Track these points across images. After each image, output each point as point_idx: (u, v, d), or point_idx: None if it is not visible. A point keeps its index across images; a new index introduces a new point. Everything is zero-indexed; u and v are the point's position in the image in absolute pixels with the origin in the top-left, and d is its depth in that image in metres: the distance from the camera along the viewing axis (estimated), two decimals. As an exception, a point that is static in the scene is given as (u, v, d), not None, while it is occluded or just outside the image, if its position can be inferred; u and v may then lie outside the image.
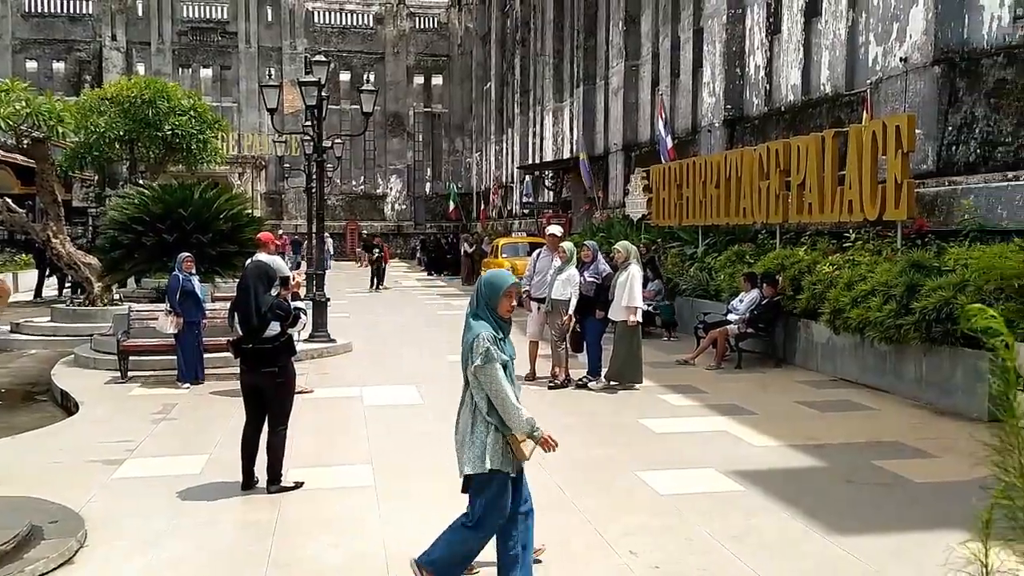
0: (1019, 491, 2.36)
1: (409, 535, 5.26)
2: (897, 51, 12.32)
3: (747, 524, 5.55)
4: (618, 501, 6.08)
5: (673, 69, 22.10)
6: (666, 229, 18.44)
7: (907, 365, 9.44)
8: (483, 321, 4.26)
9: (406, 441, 7.86)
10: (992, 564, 2.47)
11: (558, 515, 5.74)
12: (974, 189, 10.50)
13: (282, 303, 6.52)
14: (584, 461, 7.03)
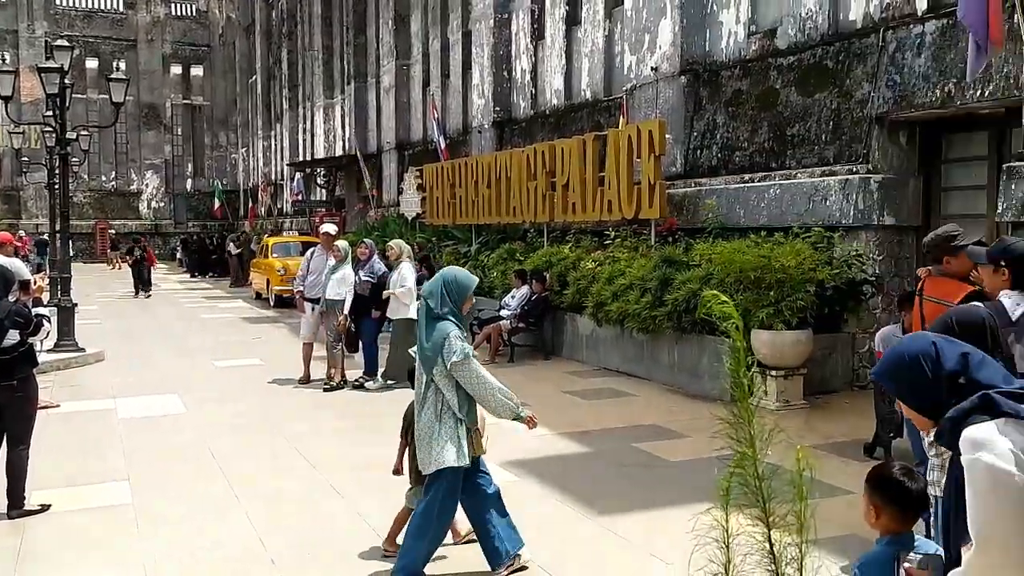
0: (749, 459, 2.61)
1: (174, 554, 4.95)
2: (649, 61, 13.22)
3: (522, 511, 5.72)
4: (399, 500, 6.06)
5: (444, 70, 22.38)
6: (440, 228, 18.64)
7: (661, 353, 10.18)
8: (447, 321, 4.37)
9: (168, 454, 7.38)
10: (732, 527, 2.70)
11: (335, 519, 5.63)
12: (716, 190, 11.49)
13: (21, 309, 5.90)
14: (362, 463, 6.95)
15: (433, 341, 4.35)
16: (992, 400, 1.97)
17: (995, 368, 2.12)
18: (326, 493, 6.22)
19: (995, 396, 1.99)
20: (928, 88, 8.97)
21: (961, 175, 9.53)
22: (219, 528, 5.49)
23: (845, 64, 10.11)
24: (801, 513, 2.66)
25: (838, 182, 9.71)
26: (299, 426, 8.32)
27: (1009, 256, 3.98)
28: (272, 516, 5.71)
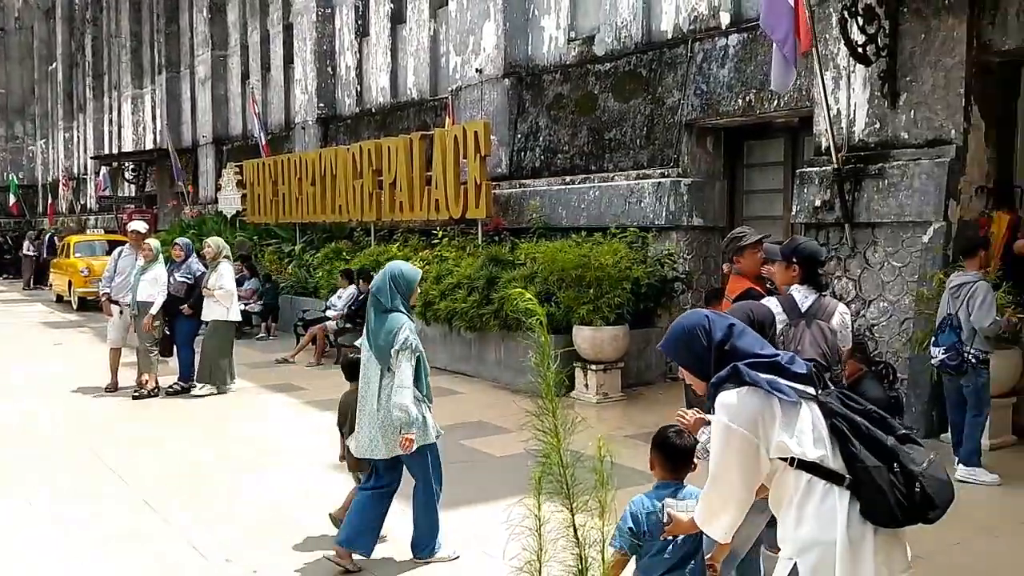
0: (554, 447, 2.74)
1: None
2: (474, 62, 13.37)
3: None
4: (214, 509, 5.82)
5: (264, 63, 21.66)
6: (262, 226, 18.04)
7: (488, 351, 10.33)
8: (399, 313, 4.57)
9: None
10: (544, 515, 2.81)
11: (150, 536, 5.34)
12: (540, 191, 11.80)
13: None
14: (176, 472, 6.62)
15: (387, 331, 4.55)
16: (739, 371, 2.45)
17: (754, 337, 2.61)
18: (137, 509, 5.87)
19: (741, 368, 2.46)
20: (731, 97, 9.60)
21: (761, 179, 10.28)
22: (8, 555, 5.07)
23: (658, 72, 10.65)
24: (603, 499, 2.83)
25: (651, 185, 10.22)
26: (105, 436, 7.81)
27: (799, 254, 4.39)
28: (76, 543, 5.34)
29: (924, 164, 7.44)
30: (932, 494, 2.38)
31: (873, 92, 7.87)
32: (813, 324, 4.18)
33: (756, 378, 2.44)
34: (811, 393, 2.48)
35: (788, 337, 4.16)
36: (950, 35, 7.32)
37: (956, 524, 4.10)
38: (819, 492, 2.41)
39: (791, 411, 2.43)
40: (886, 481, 2.38)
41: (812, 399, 2.47)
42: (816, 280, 4.36)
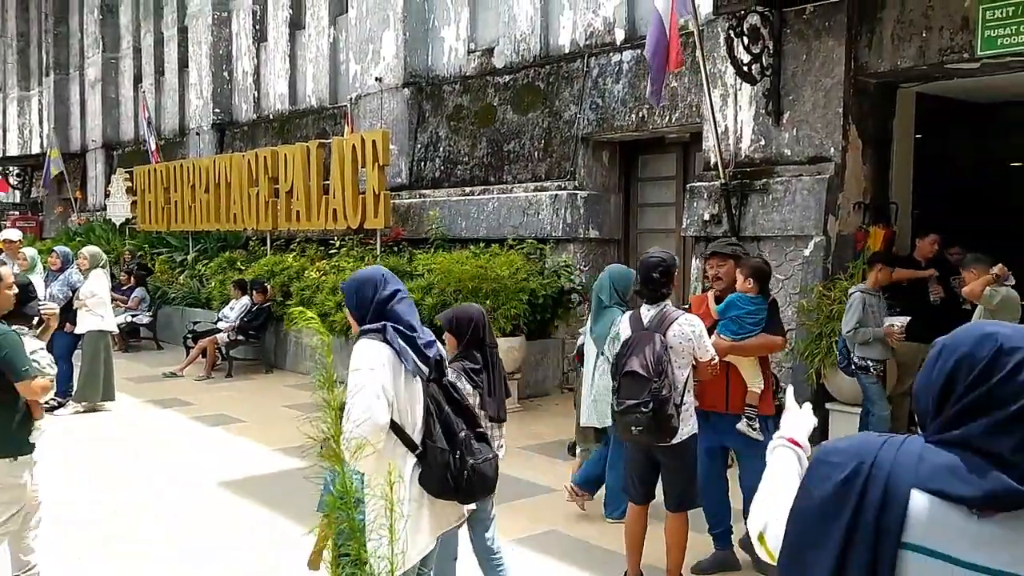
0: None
1: None
2: (373, 71, 13.23)
3: (239, 532, 5.46)
4: (93, 536, 5.53)
5: (157, 67, 20.95)
6: (154, 234, 17.41)
7: (385, 363, 10.18)
8: (614, 308, 5.22)
9: None
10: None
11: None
12: (440, 202, 11.74)
13: None
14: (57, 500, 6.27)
15: (602, 325, 5.23)
16: (386, 329, 3.03)
17: (410, 309, 3.14)
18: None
19: (389, 328, 3.04)
20: (626, 112, 9.76)
21: (654, 192, 10.48)
22: None
23: (555, 86, 10.75)
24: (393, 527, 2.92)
25: (549, 197, 10.29)
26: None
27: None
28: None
29: (805, 180, 7.70)
30: (475, 484, 3.11)
31: (758, 110, 8.11)
32: (646, 336, 4.25)
33: (394, 340, 3.02)
34: (424, 372, 3.08)
35: (627, 348, 4.26)
36: (830, 56, 7.61)
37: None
38: (401, 451, 3.03)
39: (406, 377, 3.05)
40: (444, 462, 3.06)
41: (424, 377, 3.08)
42: (651, 295, 4.38)
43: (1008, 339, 1.47)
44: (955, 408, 1.48)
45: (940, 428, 1.50)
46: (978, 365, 1.47)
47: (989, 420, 1.43)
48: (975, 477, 1.41)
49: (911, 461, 1.47)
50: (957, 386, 1.49)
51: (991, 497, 1.40)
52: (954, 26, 6.86)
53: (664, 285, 4.37)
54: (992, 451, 1.42)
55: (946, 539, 1.43)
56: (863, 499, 1.46)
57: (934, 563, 1.43)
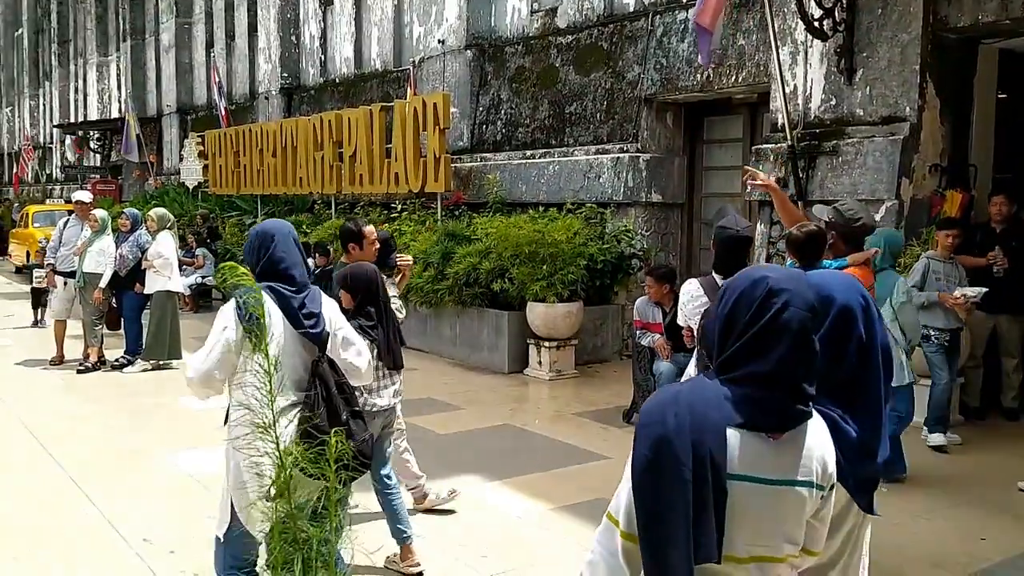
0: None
1: None
2: (436, 33, 13.12)
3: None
4: (140, 489, 5.68)
5: (228, 31, 21.22)
6: (225, 198, 17.73)
7: (444, 326, 10.21)
8: (889, 271, 5.54)
9: None
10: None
11: (74, 513, 5.19)
12: (500, 165, 11.63)
13: None
14: (111, 450, 6.46)
15: (882, 287, 5.34)
16: (269, 288, 3.11)
17: (300, 269, 3.21)
18: (60, 487, 5.71)
19: (272, 285, 3.13)
20: (690, 72, 9.46)
21: (720, 155, 10.17)
22: (-71, 529, 4.90)
23: (619, 46, 10.48)
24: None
25: (610, 160, 10.08)
26: (40, 410, 7.62)
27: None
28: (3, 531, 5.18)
29: (878, 141, 7.35)
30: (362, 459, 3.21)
31: (829, 68, 7.75)
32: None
33: (272, 286, 3.13)
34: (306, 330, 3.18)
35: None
36: (907, 10, 7.21)
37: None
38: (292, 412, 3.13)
39: (285, 333, 3.18)
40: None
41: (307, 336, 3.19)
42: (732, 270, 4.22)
43: (777, 282, 1.69)
44: (737, 345, 1.68)
45: (727, 365, 1.69)
46: (753, 305, 1.67)
47: (769, 356, 1.65)
48: (769, 407, 1.65)
49: (717, 402, 1.65)
50: (737, 324, 1.69)
51: (783, 421, 1.67)
52: (1043, -25, 6.41)
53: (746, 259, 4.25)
54: (775, 382, 1.65)
55: (754, 464, 1.65)
56: (694, 446, 1.60)
57: (749, 487, 1.64)
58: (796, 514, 1.69)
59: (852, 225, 4.39)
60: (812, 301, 1.71)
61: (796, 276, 1.75)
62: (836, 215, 4.40)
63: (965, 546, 4.64)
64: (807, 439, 1.70)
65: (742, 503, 1.64)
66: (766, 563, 1.67)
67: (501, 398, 8.23)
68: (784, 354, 1.65)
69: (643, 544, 1.63)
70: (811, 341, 1.68)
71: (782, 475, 1.66)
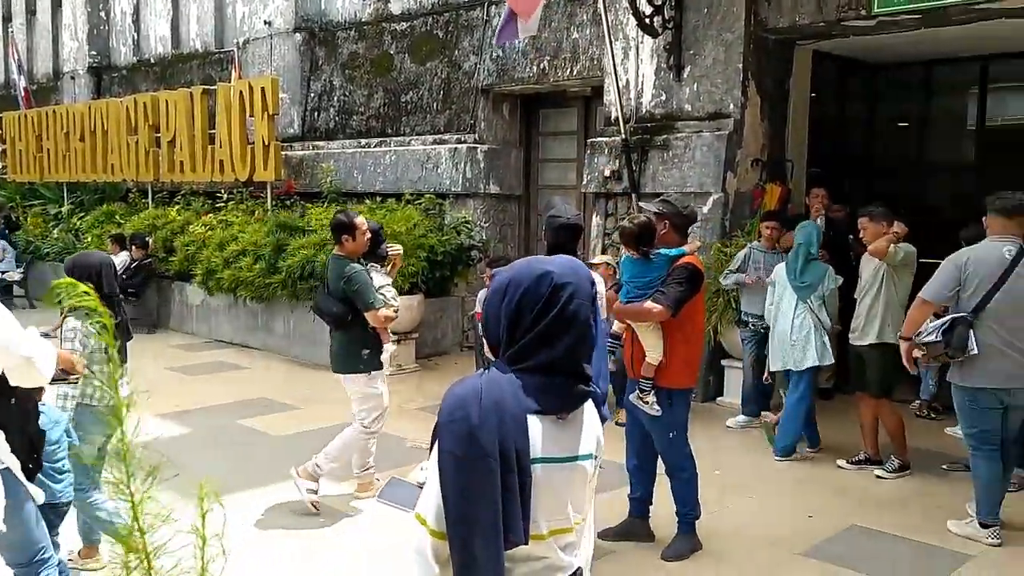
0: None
1: None
2: (262, 14, 12.54)
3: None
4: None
5: (28, 5, 19.41)
6: (26, 185, 16.24)
7: (277, 322, 9.78)
8: (819, 262, 6.03)
9: None
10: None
11: None
12: (334, 154, 11.27)
13: None
14: None
15: (814, 276, 5.92)
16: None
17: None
18: None
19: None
20: (527, 64, 9.50)
21: (556, 148, 10.29)
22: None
23: (454, 35, 10.38)
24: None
25: (448, 150, 9.99)
26: None
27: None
28: None
29: (705, 136, 7.65)
30: None
31: (660, 64, 7.99)
32: None
33: None
34: None
35: None
36: (730, 10, 7.52)
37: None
38: None
39: None
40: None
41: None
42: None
43: (560, 276, 1.78)
44: (527, 338, 1.76)
45: (518, 356, 1.77)
46: (540, 300, 1.76)
47: (557, 345, 1.75)
48: (561, 392, 1.77)
49: (514, 392, 1.72)
50: (524, 318, 1.76)
51: (573, 403, 1.80)
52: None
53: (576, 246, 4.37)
54: (563, 369, 1.76)
55: (550, 446, 1.75)
56: (499, 437, 1.66)
57: (548, 467, 1.74)
58: (582, 485, 1.84)
59: (684, 213, 4.52)
60: (591, 290, 1.82)
61: (574, 268, 1.83)
62: (667, 206, 4.50)
63: (796, 524, 4.90)
64: (584, 415, 1.84)
65: (543, 484, 1.74)
66: (560, 534, 1.80)
67: (341, 396, 7.89)
68: (571, 343, 1.76)
69: (453, 538, 1.67)
70: (591, 327, 1.80)
71: (571, 452, 1.79)
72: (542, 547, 1.77)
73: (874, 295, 5.62)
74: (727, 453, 6.17)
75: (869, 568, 4.34)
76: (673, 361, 4.34)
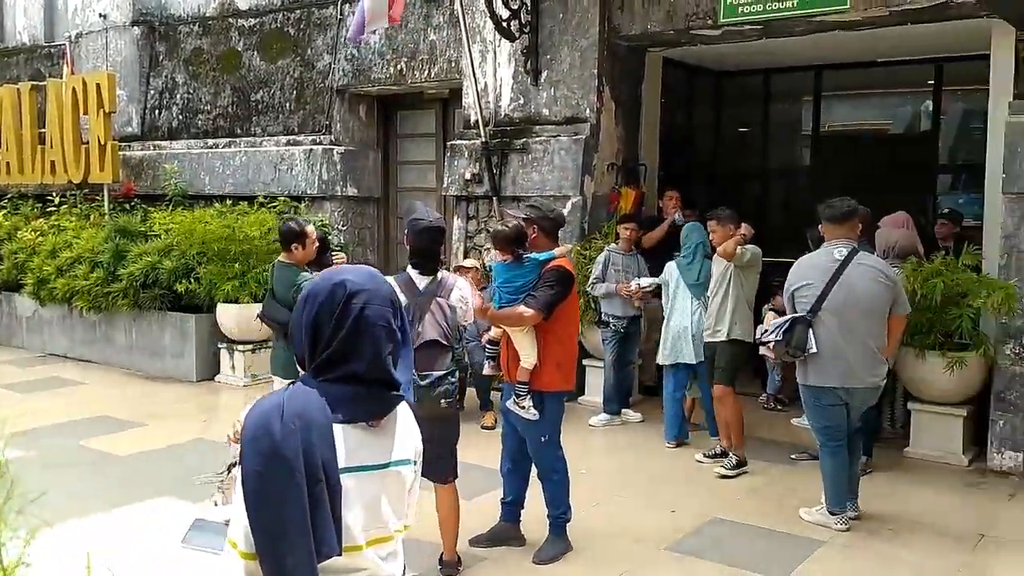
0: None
1: None
2: (96, 6, 11.76)
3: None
4: None
5: None
6: None
7: (118, 333, 9.18)
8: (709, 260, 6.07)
9: None
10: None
11: None
12: (178, 155, 10.71)
13: None
14: None
15: (707, 274, 6.05)
16: None
17: None
18: None
19: None
20: (383, 64, 9.34)
21: (414, 150, 10.17)
22: None
23: (307, 33, 10.08)
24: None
25: (303, 152, 9.69)
26: None
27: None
28: None
29: (563, 140, 7.75)
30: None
31: (517, 68, 8.03)
32: (427, 302, 4.04)
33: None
34: None
35: (409, 316, 3.97)
36: (585, 16, 7.65)
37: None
38: None
39: None
40: None
41: None
42: (432, 265, 4.18)
43: (354, 284, 1.78)
44: (329, 350, 1.75)
45: (322, 368, 1.76)
46: (335, 310, 1.75)
47: (361, 355, 1.75)
48: (369, 400, 1.77)
49: (320, 404, 1.71)
50: (322, 327, 1.76)
51: (383, 410, 1.79)
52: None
53: (440, 249, 4.32)
54: (369, 377, 1.76)
55: (361, 454, 1.75)
56: (305, 450, 1.65)
57: (360, 476, 1.74)
58: (399, 491, 1.83)
59: (551, 217, 4.54)
60: (389, 296, 1.82)
61: (371, 275, 1.84)
62: (534, 211, 4.51)
63: (661, 520, 5.02)
64: (398, 420, 1.83)
65: (356, 493, 1.73)
66: (379, 543, 1.79)
67: (191, 410, 7.56)
68: (374, 350, 1.76)
69: (264, 557, 1.64)
70: (394, 332, 1.80)
71: (384, 459, 1.79)
72: (360, 558, 1.76)
73: (723, 295, 5.84)
74: (592, 452, 6.27)
75: (730, 559, 4.49)
76: (546, 364, 4.33)
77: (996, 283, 5.79)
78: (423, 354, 3.93)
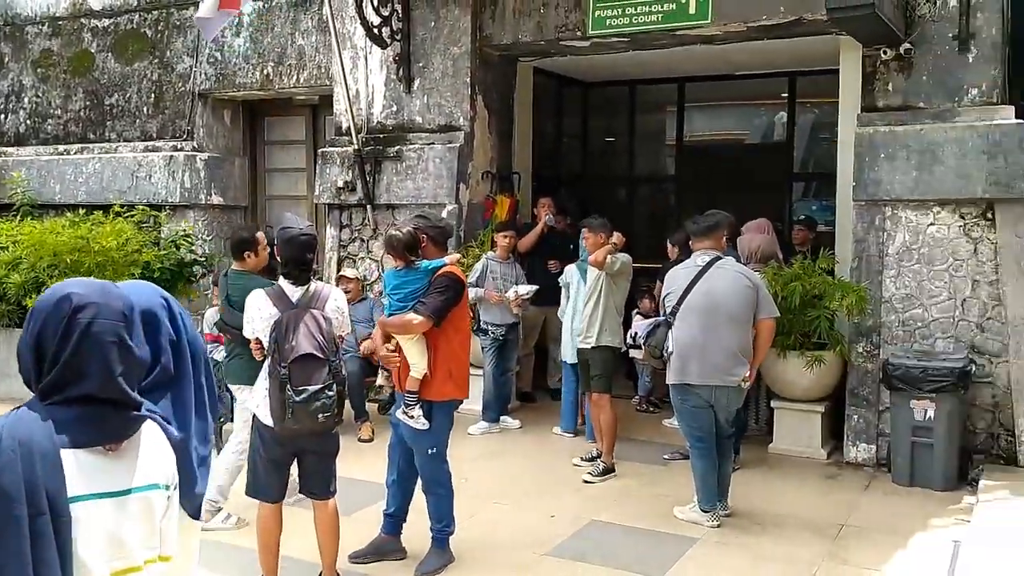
0: None
1: None
2: (-71, 0, 10.89)
3: None
4: None
5: None
6: None
7: (-41, 354, 8.49)
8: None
9: None
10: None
11: None
12: (25, 162, 10.05)
13: None
14: None
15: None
16: None
17: None
18: None
19: None
20: (249, 69, 9.05)
21: (283, 157, 9.89)
22: None
23: (165, 35, 9.65)
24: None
25: (163, 158, 9.28)
26: None
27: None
28: None
29: (437, 148, 7.72)
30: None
31: (390, 75, 7.96)
32: (301, 314, 3.94)
33: None
34: None
35: (282, 329, 3.86)
36: (457, 25, 7.66)
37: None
38: None
39: None
40: None
41: None
42: (305, 276, 4.08)
43: (80, 297, 1.64)
44: (56, 369, 1.62)
45: (50, 389, 1.62)
46: (60, 325, 1.61)
47: (91, 373, 1.61)
48: (103, 423, 1.63)
49: (46, 429, 1.58)
50: (47, 345, 1.62)
51: (120, 432, 1.65)
52: (569, 4, 7.25)
53: (313, 258, 4.18)
54: (102, 396, 1.62)
55: (97, 481, 1.62)
56: (26, 480, 1.52)
57: (95, 504, 1.61)
58: (148, 519, 1.70)
59: (440, 226, 4.54)
60: (122, 309, 1.68)
61: (102, 288, 1.70)
62: (423, 221, 4.49)
63: (541, 526, 5.05)
64: (142, 444, 1.71)
65: (92, 523, 1.61)
66: (128, 575, 1.68)
67: None
68: (104, 369, 1.63)
69: None
70: (129, 348, 1.66)
71: (127, 485, 1.67)
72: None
73: (595, 302, 5.96)
74: (472, 461, 6.25)
75: (609, 560, 4.57)
76: (437, 373, 4.28)
77: (850, 286, 6.14)
78: (299, 367, 3.82)
